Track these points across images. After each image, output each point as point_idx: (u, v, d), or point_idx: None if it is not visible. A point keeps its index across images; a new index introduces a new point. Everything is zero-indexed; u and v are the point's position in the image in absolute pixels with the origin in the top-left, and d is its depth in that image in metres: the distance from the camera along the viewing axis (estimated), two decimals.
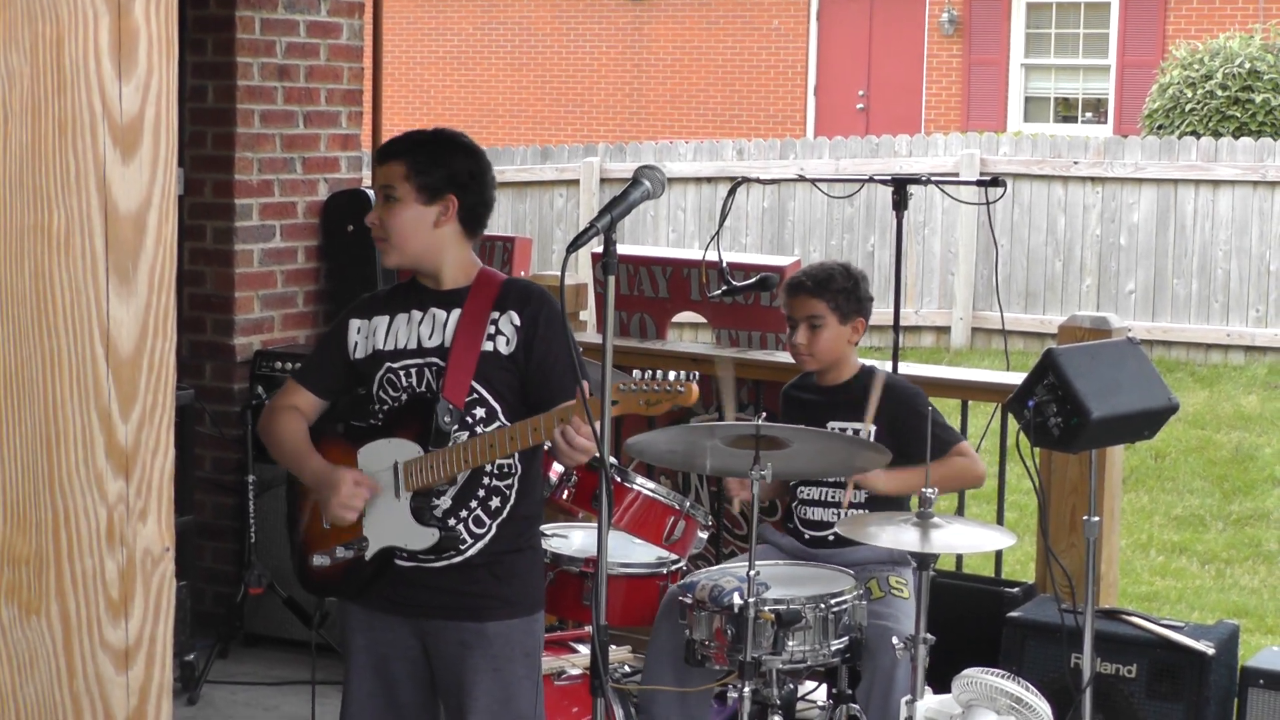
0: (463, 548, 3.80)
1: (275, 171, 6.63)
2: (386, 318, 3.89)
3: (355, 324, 3.92)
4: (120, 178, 2.26)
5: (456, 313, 3.82)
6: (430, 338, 3.83)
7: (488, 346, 3.79)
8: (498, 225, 14.33)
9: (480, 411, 3.78)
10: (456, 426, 3.75)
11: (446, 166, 3.82)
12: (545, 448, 3.82)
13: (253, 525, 6.14)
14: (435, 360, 3.81)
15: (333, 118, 6.83)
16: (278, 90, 6.60)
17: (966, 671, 4.16)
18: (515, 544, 3.85)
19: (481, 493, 3.81)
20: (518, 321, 3.80)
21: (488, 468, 3.79)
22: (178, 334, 2.36)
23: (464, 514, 3.80)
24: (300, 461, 3.90)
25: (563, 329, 3.79)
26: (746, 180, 6.07)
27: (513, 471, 3.83)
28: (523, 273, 7.04)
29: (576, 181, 14.32)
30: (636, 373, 3.55)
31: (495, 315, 3.80)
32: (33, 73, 2.20)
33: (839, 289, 4.80)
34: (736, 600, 4.22)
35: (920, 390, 4.86)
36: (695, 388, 3.53)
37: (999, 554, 5.85)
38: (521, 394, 3.80)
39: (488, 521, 3.81)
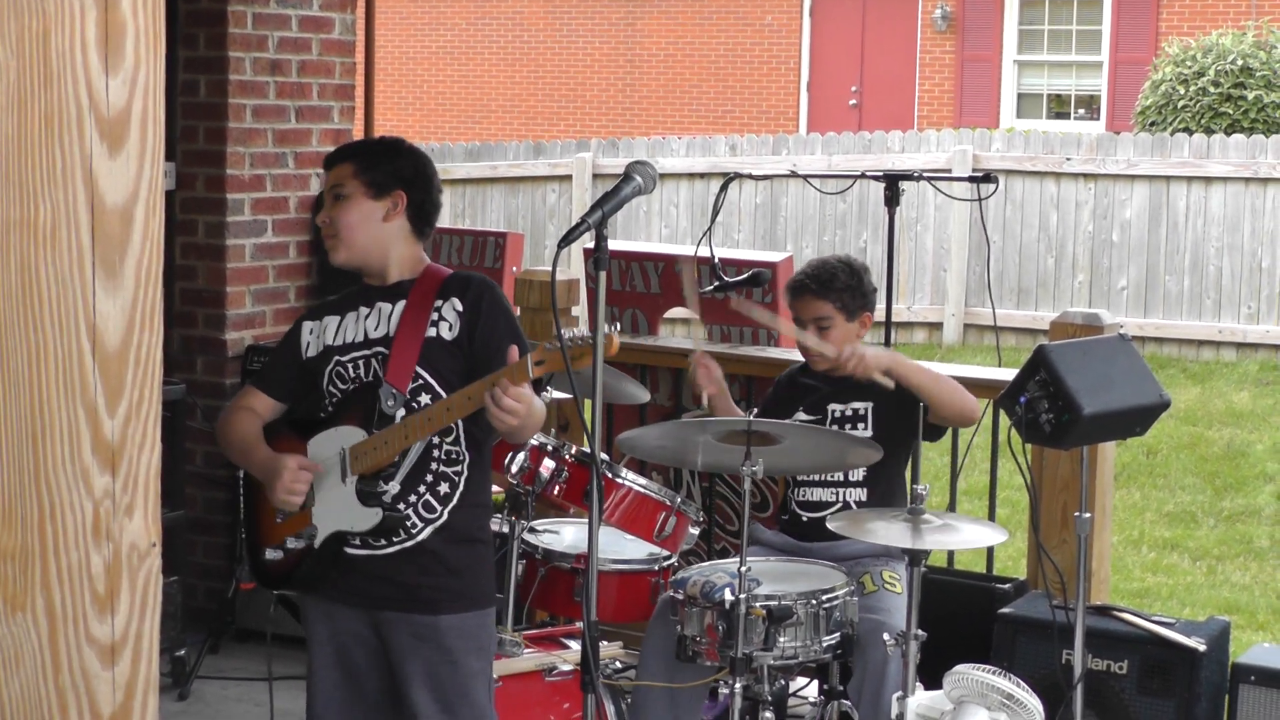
0: (414, 531, 3.82)
1: (267, 166, 6.62)
2: (337, 317, 3.97)
3: (307, 325, 4.01)
4: (107, 171, 2.25)
5: (401, 303, 3.89)
6: (376, 329, 3.90)
7: (431, 332, 3.85)
8: (491, 221, 14.33)
9: (425, 398, 3.82)
10: (402, 411, 3.79)
11: (392, 164, 3.93)
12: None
13: (244, 520, 6.12)
14: (381, 349, 3.87)
15: (325, 112, 6.82)
16: (270, 85, 6.59)
17: (958, 668, 4.16)
18: (469, 533, 3.87)
19: (429, 478, 3.83)
20: (460, 307, 3.85)
21: (435, 454, 3.82)
22: (169, 328, 2.35)
23: (413, 499, 3.82)
24: (249, 454, 3.97)
25: (505, 314, 3.87)
26: (739, 176, 6.08)
27: (460, 459, 3.86)
28: (515, 268, 7.03)
29: (569, 177, 14.31)
30: (567, 332, 3.58)
31: (439, 303, 3.87)
32: (19, 66, 2.20)
33: (843, 287, 4.77)
34: (728, 596, 4.22)
35: None
36: (616, 339, 3.57)
37: (990, 550, 5.85)
38: (466, 379, 3.81)
39: (439, 508, 3.83)
